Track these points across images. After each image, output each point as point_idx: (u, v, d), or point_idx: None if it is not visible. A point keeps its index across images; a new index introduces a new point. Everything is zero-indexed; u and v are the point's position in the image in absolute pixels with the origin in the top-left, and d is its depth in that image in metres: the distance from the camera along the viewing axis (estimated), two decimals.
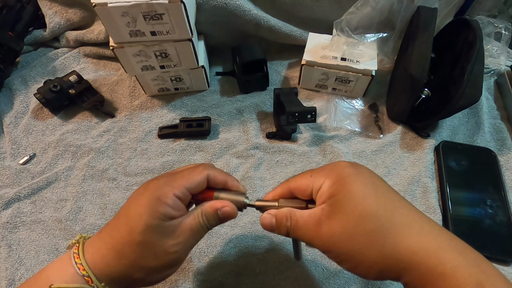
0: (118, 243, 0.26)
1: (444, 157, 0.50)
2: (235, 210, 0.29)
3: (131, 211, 0.26)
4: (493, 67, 0.59)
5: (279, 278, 0.41)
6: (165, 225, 0.26)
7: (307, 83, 0.59)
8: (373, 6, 0.51)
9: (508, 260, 0.42)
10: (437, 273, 0.22)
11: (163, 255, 0.26)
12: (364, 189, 0.24)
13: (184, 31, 0.46)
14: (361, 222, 0.23)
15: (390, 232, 0.23)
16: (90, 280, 0.25)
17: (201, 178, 0.28)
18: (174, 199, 0.26)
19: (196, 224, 0.27)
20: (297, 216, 0.27)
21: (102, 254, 0.26)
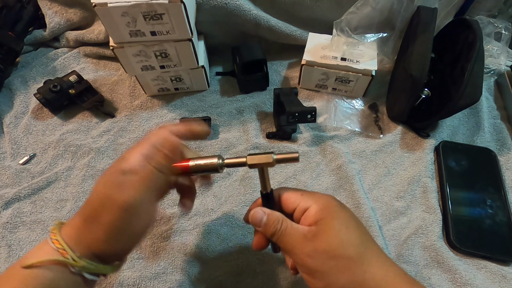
0: (86, 209, 0.27)
1: (444, 157, 0.50)
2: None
3: (100, 177, 0.28)
4: (493, 67, 0.59)
5: (279, 278, 0.41)
6: (119, 178, 0.26)
7: (307, 83, 0.59)
8: (373, 6, 0.51)
9: (508, 260, 0.42)
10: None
11: (114, 207, 0.26)
12: (348, 221, 0.28)
13: (184, 31, 0.46)
14: (342, 247, 0.26)
15: (364, 261, 0.26)
16: (66, 253, 0.25)
17: (164, 132, 0.29)
18: (138, 156, 0.27)
19: (144, 169, 0.27)
20: (288, 223, 0.28)
21: (76, 225, 0.27)
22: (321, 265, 0.26)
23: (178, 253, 0.43)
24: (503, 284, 0.40)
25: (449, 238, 0.43)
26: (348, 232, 0.27)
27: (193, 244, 0.44)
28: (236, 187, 0.49)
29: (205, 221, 0.45)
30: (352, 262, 0.26)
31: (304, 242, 0.27)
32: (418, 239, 0.43)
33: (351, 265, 0.26)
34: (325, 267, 0.26)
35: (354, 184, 0.47)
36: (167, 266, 0.42)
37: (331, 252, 0.26)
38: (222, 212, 0.46)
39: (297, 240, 0.27)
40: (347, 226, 0.27)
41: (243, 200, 0.47)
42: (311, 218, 0.27)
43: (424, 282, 0.41)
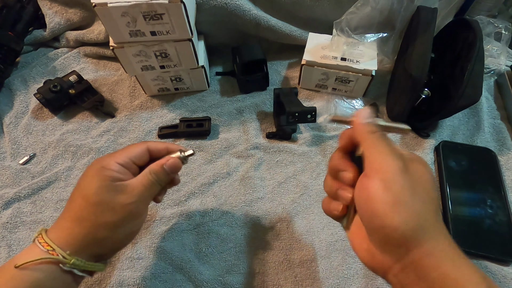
0: (76, 211, 0.28)
1: (444, 157, 0.50)
2: (178, 161, 0.33)
3: (81, 183, 0.30)
4: (493, 67, 0.59)
5: (279, 278, 0.41)
6: (114, 184, 0.29)
7: (307, 83, 0.59)
8: (373, 6, 0.51)
9: (508, 260, 0.42)
10: None
11: (119, 208, 0.29)
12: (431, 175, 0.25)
13: (184, 31, 0.46)
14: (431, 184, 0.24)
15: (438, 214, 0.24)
16: (54, 253, 0.26)
17: (141, 148, 0.32)
18: (118, 166, 0.30)
19: (147, 180, 0.31)
20: None
21: (64, 227, 0.28)
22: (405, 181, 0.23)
23: (178, 253, 0.43)
24: (503, 284, 0.40)
25: None
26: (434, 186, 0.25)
27: (193, 244, 0.44)
28: (236, 187, 0.49)
29: (205, 221, 0.45)
30: (432, 203, 0.23)
31: (400, 158, 0.24)
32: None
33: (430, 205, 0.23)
34: (409, 185, 0.23)
35: None
36: (167, 266, 0.42)
37: (421, 180, 0.24)
38: (222, 212, 0.46)
39: (394, 151, 0.24)
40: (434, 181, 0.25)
41: (243, 200, 0.47)
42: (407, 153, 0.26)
43: None
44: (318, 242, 0.44)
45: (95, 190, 0.28)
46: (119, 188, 0.29)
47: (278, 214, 0.46)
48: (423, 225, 0.22)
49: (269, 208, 0.47)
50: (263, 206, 0.47)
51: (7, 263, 0.27)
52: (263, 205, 0.47)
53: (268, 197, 0.48)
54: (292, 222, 0.45)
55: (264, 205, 0.47)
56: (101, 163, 0.30)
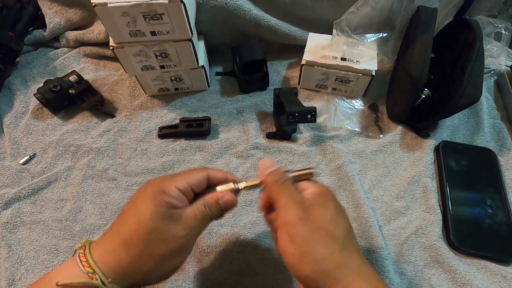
0: (126, 234, 0.27)
1: (444, 157, 0.50)
2: (234, 198, 0.31)
3: (137, 204, 0.28)
4: (493, 67, 0.59)
5: (279, 278, 0.41)
6: (170, 212, 0.28)
7: (307, 83, 0.59)
8: (373, 6, 0.51)
9: (508, 260, 0.42)
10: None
11: (171, 240, 0.27)
12: (341, 210, 0.29)
13: (184, 31, 0.46)
14: (333, 225, 0.27)
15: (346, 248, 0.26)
16: (95, 277, 0.25)
17: (202, 175, 0.31)
18: (177, 191, 0.28)
19: (200, 212, 0.29)
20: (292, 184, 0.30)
21: (110, 249, 0.27)
22: (306, 232, 0.26)
23: None
24: (503, 284, 0.40)
25: (449, 238, 0.43)
26: (341, 217, 0.28)
27: None
28: None
29: None
30: (335, 243, 0.26)
31: (300, 206, 0.27)
32: (418, 239, 0.43)
33: (333, 245, 0.26)
34: (310, 235, 0.26)
35: (354, 184, 0.47)
36: None
37: (322, 224, 0.26)
38: None
39: (294, 201, 0.28)
40: (340, 212, 0.28)
41: (243, 200, 0.47)
42: (309, 195, 0.28)
43: (424, 282, 0.41)
44: None
45: (151, 215, 0.27)
46: (174, 217, 0.28)
47: None
48: (329, 269, 0.25)
49: None
50: None
51: (47, 277, 0.26)
52: None
53: None
54: None
55: None
56: (161, 185, 0.28)
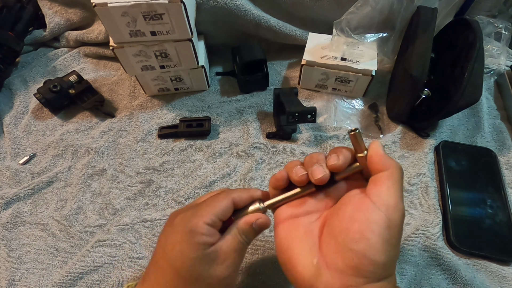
0: (165, 285, 0.25)
1: (444, 157, 0.50)
2: (267, 219, 0.29)
3: (169, 251, 0.26)
4: (493, 67, 0.59)
5: (279, 278, 0.41)
6: (207, 253, 0.26)
7: (307, 83, 0.59)
8: (373, 6, 0.51)
9: (508, 260, 0.42)
10: None
11: (216, 283, 0.26)
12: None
13: (184, 31, 0.46)
14: None
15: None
16: None
17: (227, 203, 0.28)
18: (207, 227, 0.26)
19: (238, 243, 0.27)
20: None
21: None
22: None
23: None
24: (503, 284, 0.40)
25: (449, 238, 0.43)
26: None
27: None
28: (236, 187, 0.48)
29: None
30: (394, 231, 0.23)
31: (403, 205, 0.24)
32: (418, 239, 0.43)
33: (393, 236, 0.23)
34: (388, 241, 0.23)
35: None
36: None
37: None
38: None
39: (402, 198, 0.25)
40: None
41: None
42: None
43: (424, 282, 0.40)
44: None
45: (190, 263, 0.25)
46: (212, 257, 0.26)
47: None
48: (392, 268, 0.24)
49: None
50: None
51: None
52: None
53: None
54: None
55: None
56: (188, 225, 0.26)
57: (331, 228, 0.25)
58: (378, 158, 0.25)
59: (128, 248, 0.43)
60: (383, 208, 0.23)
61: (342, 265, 0.23)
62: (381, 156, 0.25)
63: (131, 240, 0.44)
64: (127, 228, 0.45)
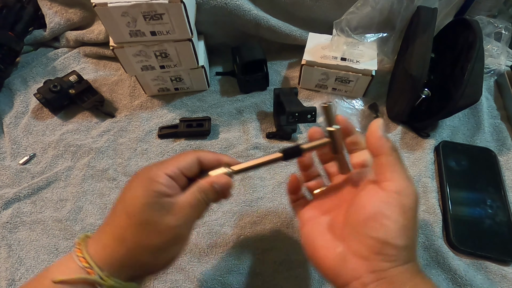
0: (118, 229, 0.26)
1: (444, 157, 0.50)
2: (229, 180, 0.29)
3: (126, 196, 0.27)
4: (493, 67, 0.59)
5: (279, 278, 0.41)
6: (162, 201, 0.26)
7: (307, 83, 0.59)
8: (373, 6, 0.51)
9: (508, 260, 0.42)
10: None
11: (165, 231, 0.26)
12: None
13: (184, 31, 0.46)
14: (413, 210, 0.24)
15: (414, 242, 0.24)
16: (92, 272, 0.25)
17: (192, 159, 0.29)
18: (167, 178, 0.27)
19: (195, 199, 0.28)
20: None
21: (105, 244, 0.26)
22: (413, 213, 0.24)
23: None
24: (503, 284, 0.40)
25: (449, 238, 0.43)
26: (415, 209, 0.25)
27: (193, 244, 0.44)
28: (236, 187, 0.49)
29: (205, 221, 0.45)
30: (410, 217, 0.24)
31: (415, 188, 0.25)
32: (418, 239, 0.43)
33: (408, 220, 0.24)
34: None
35: None
36: None
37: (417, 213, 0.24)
38: (222, 212, 0.46)
39: (410, 179, 0.25)
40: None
41: (243, 200, 0.47)
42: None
43: None
44: None
45: (141, 208, 0.26)
46: (166, 207, 0.26)
47: (278, 214, 0.46)
48: (413, 250, 0.24)
49: (269, 208, 0.47)
50: (263, 206, 0.47)
51: (43, 274, 0.26)
52: (263, 205, 0.47)
53: (268, 197, 0.48)
54: (292, 222, 0.45)
55: (264, 205, 0.47)
56: (148, 174, 0.27)
57: (350, 221, 0.26)
58: (374, 140, 0.26)
59: None
60: (394, 195, 0.24)
61: (366, 252, 0.24)
62: (377, 138, 0.26)
63: None
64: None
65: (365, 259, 0.24)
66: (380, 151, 0.25)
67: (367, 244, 0.24)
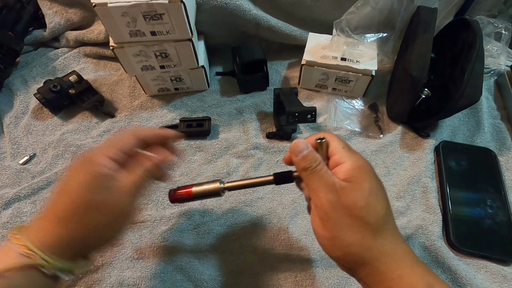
0: (60, 211, 0.27)
1: (444, 157, 0.50)
2: (171, 156, 0.32)
3: (68, 182, 0.28)
4: (493, 67, 0.59)
5: (279, 278, 0.41)
6: (103, 182, 0.27)
7: (307, 83, 0.59)
8: (373, 6, 0.51)
9: (508, 260, 0.42)
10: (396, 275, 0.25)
11: (108, 209, 0.27)
12: (378, 190, 0.27)
13: (184, 31, 0.46)
14: (365, 211, 0.25)
15: (377, 233, 0.26)
16: (34, 256, 0.25)
17: (132, 139, 0.31)
18: (106, 159, 0.28)
19: (139, 179, 0.29)
20: (323, 167, 0.28)
21: (47, 228, 0.26)
22: (337, 217, 0.26)
23: (178, 253, 0.43)
24: (503, 284, 0.40)
25: (449, 238, 0.43)
26: (376, 200, 0.26)
27: (193, 244, 0.44)
28: None
29: (205, 221, 0.45)
30: (367, 228, 0.25)
31: (331, 190, 0.26)
32: (418, 239, 0.43)
33: (365, 230, 0.25)
34: (341, 220, 0.25)
35: None
36: (167, 266, 0.42)
37: (353, 210, 0.25)
38: (222, 212, 0.46)
39: (325, 184, 0.26)
40: (376, 194, 0.26)
41: (243, 200, 0.47)
42: (343, 174, 0.27)
43: None
44: None
45: (83, 189, 0.26)
46: (108, 187, 0.27)
47: (278, 214, 0.46)
48: (359, 253, 0.25)
49: (269, 208, 0.47)
50: (263, 206, 0.47)
51: None
52: (263, 205, 0.47)
53: (268, 197, 0.48)
54: (292, 222, 0.45)
55: (264, 205, 0.47)
56: (90, 158, 0.28)
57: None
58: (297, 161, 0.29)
59: (128, 248, 0.43)
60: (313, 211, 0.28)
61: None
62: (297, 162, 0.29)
63: (131, 240, 0.44)
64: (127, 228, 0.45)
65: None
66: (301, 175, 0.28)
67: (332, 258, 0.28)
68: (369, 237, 0.25)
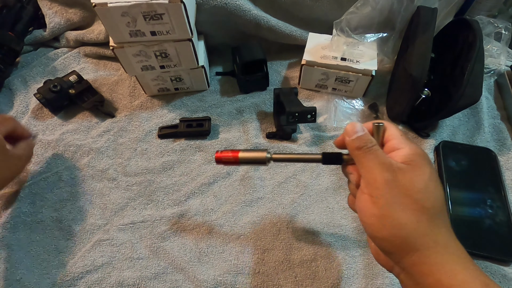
0: None
1: (444, 157, 0.50)
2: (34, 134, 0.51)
3: None
4: (493, 67, 0.59)
5: (279, 278, 0.41)
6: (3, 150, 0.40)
7: (307, 83, 0.59)
8: (373, 6, 0.51)
9: (508, 260, 0.42)
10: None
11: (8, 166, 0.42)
12: (437, 178, 0.26)
13: (184, 31, 0.46)
14: (424, 193, 0.24)
15: (433, 221, 0.24)
16: None
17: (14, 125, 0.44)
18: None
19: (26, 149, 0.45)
20: (378, 147, 0.27)
21: None
22: (391, 196, 0.24)
23: (178, 253, 0.43)
24: (503, 284, 0.40)
25: None
26: (435, 187, 0.25)
27: (193, 244, 0.44)
28: (236, 187, 0.49)
29: (205, 221, 0.46)
30: (423, 213, 0.24)
31: (388, 169, 0.25)
32: None
33: (421, 215, 0.23)
34: (395, 200, 0.24)
35: None
36: (167, 266, 0.42)
37: (411, 191, 0.24)
38: (222, 212, 0.46)
39: (381, 163, 0.25)
40: (436, 181, 0.25)
41: (243, 200, 0.47)
42: (401, 157, 0.26)
43: None
44: (318, 242, 0.44)
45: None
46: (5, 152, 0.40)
47: (278, 214, 0.46)
48: (410, 236, 0.23)
49: (269, 208, 0.47)
50: (263, 206, 0.47)
51: None
52: (263, 205, 0.47)
53: (268, 197, 0.48)
54: (292, 222, 0.45)
55: (264, 205, 0.47)
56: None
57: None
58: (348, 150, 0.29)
59: (128, 248, 0.43)
60: (363, 188, 0.27)
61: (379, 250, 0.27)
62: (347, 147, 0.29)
63: (131, 240, 0.44)
64: (127, 228, 0.45)
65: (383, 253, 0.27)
66: (353, 155, 0.28)
67: (374, 243, 0.27)
68: (425, 223, 0.23)
